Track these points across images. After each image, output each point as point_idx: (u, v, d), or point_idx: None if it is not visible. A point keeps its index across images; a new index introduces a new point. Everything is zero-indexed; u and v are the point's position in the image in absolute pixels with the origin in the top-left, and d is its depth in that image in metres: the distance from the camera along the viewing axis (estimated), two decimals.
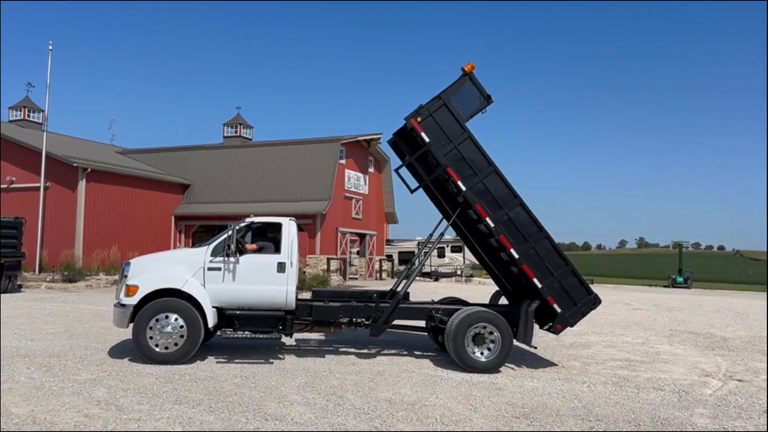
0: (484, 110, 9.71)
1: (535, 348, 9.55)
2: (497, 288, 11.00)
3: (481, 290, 24.76)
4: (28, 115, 33.97)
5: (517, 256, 9.09)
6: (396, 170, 9.81)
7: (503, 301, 10.60)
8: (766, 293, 34.75)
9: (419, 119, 9.13)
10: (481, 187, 9.19)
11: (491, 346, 8.84)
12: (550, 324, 9.35)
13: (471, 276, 37.18)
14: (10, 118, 33.84)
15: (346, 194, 31.66)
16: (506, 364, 9.05)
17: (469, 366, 8.69)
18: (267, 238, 9.43)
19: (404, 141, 9.89)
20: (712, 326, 15.51)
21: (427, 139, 9.14)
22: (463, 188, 9.12)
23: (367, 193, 34.10)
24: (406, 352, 10.11)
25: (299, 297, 9.56)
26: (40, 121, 33.19)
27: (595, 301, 9.43)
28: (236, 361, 8.89)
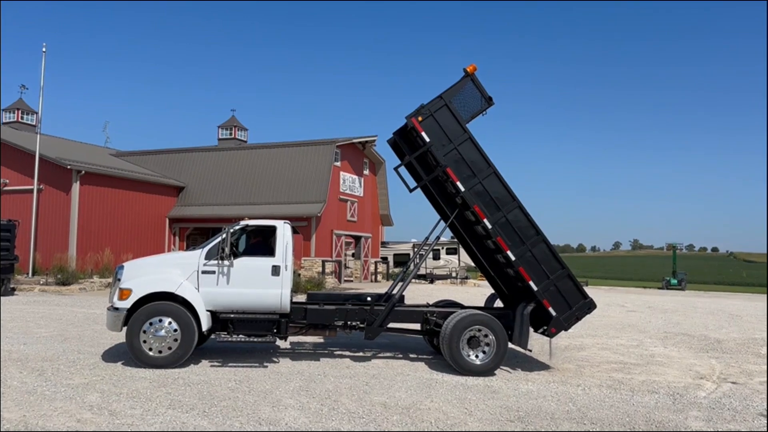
0: (484, 112, 9.74)
1: (530, 351, 9.55)
2: (492, 290, 10.99)
3: (476, 292, 24.77)
4: (22, 117, 33.78)
5: (513, 258, 9.08)
6: (395, 169, 9.81)
7: (498, 303, 10.60)
8: (766, 295, 34.85)
9: (420, 119, 9.13)
10: (480, 188, 9.19)
11: (486, 349, 8.83)
12: (545, 327, 9.35)
13: (466, 278, 37.18)
14: (4, 120, 33.66)
15: (342, 196, 31.63)
16: (501, 367, 9.04)
17: (464, 369, 8.68)
18: (261, 241, 9.41)
19: (404, 140, 9.88)
20: (707, 328, 15.54)
21: (427, 139, 9.13)
22: (462, 189, 9.12)
23: (362, 195, 34.07)
24: (401, 356, 10.09)
25: (294, 300, 9.54)
26: (34, 123, 33.05)
27: (590, 306, 9.42)
28: (230, 364, 8.85)
